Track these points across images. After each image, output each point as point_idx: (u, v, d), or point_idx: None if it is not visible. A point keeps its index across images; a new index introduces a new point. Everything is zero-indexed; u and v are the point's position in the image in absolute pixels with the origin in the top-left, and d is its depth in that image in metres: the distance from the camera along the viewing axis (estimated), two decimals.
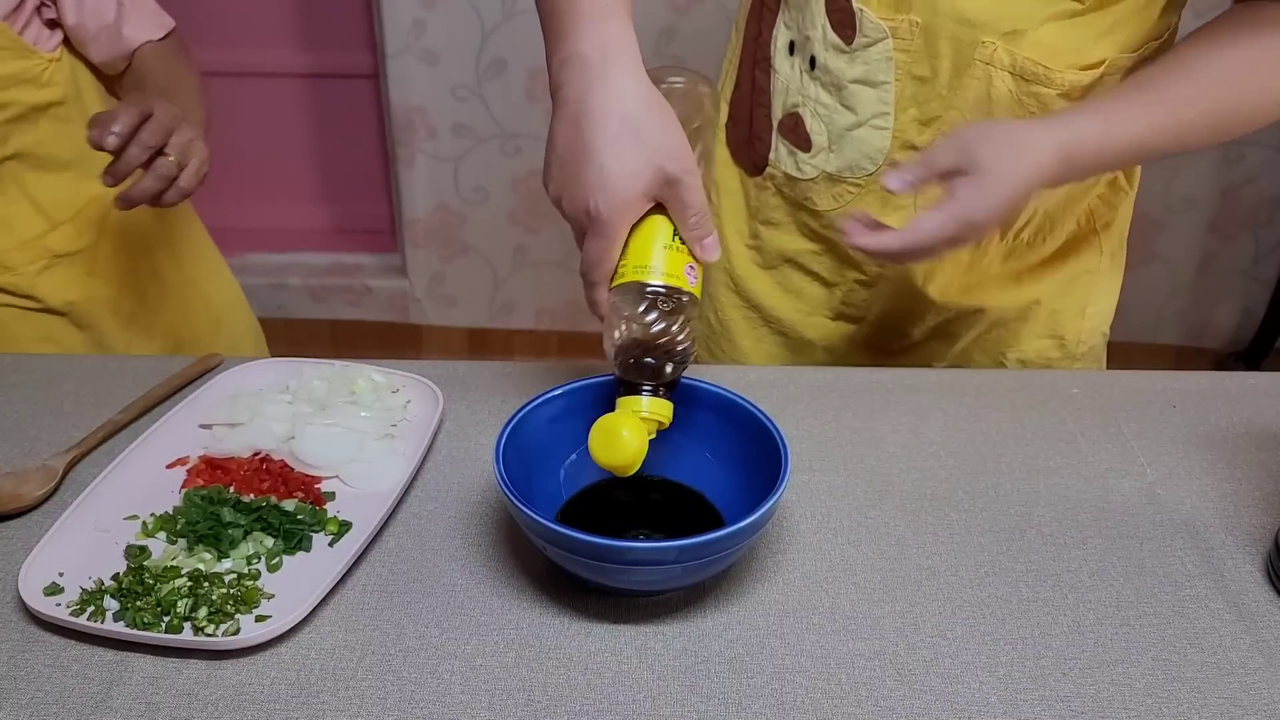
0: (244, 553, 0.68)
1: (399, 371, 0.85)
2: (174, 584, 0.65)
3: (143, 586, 0.64)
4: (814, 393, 0.87)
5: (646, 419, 0.66)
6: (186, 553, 0.68)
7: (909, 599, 0.67)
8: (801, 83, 0.91)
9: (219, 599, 0.64)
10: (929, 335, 1.01)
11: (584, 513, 0.71)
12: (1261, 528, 0.73)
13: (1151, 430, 0.83)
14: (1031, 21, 0.81)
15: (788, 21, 0.91)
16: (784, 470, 0.64)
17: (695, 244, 0.68)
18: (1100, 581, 0.68)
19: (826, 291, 1.00)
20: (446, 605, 0.66)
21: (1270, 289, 2.36)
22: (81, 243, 1.05)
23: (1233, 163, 2.24)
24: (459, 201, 2.32)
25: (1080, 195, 0.94)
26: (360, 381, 0.84)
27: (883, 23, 0.84)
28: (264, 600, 0.65)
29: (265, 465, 0.76)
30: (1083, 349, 1.02)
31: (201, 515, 0.70)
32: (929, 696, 0.60)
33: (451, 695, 0.60)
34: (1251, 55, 0.78)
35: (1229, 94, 0.79)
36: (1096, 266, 0.99)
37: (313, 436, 0.77)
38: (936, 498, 0.75)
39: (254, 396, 0.82)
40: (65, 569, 0.66)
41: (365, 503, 0.73)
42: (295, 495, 0.73)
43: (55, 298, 1.04)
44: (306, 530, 0.70)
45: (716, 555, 0.61)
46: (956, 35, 0.82)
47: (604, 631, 0.64)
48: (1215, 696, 0.60)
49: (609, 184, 0.64)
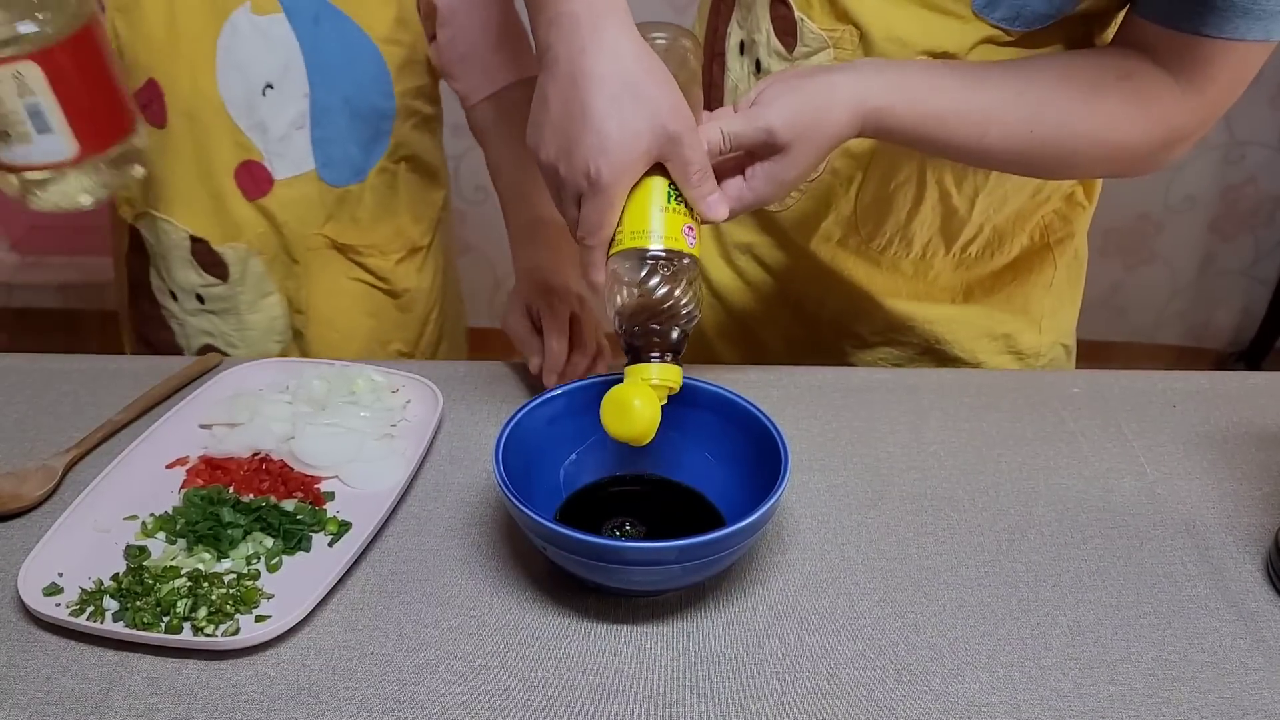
0: (243, 553, 0.68)
1: (399, 372, 0.85)
2: (173, 584, 0.65)
3: (142, 587, 0.64)
4: (814, 393, 0.87)
5: (657, 386, 0.66)
6: (186, 553, 0.68)
7: (909, 599, 0.67)
8: (749, 83, 0.91)
9: (218, 599, 0.64)
10: (881, 339, 1.00)
11: (584, 513, 0.71)
12: (1261, 528, 0.73)
13: (1151, 430, 0.83)
14: (961, 46, 0.80)
15: (740, 20, 0.91)
16: (784, 470, 0.64)
17: (700, 201, 0.68)
18: (1100, 581, 0.68)
19: (780, 287, 1.00)
20: (446, 605, 0.66)
21: (1270, 289, 2.36)
22: (424, 240, 1.14)
23: (1233, 163, 2.24)
24: (459, 201, 2.32)
25: (1032, 211, 0.94)
26: (360, 381, 0.84)
27: (823, 33, 0.84)
28: (263, 600, 0.65)
29: (265, 465, 0.76)
30: (1042, 361, 1.01)
31: (201, 515, 0.70)
32: (929, 696, 0.60)
33: (451, 695, 0.60)
34: (1089, 96, 0.75)
35: (1049, 125, 0.75)
36: (1050, 281, 0.99)
37: (312, 436, 0.77)
38: (936, 498, 0.75)
39: (253, 396, 0.82)
40: (65, 569, 0.66)
41: (365, 502, 0.73)
42: (295, 495, 0.73)
43: (400, 283, 1.12)
44: (306, 530, 0.70)
45: (716, 555, 0.61)
46: (891, 51, 0.82)
47: (604, 631, 0.64)
48: (1215, 696, 0.60)
49: (610, 146, 0.63)
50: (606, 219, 0.66)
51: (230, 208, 1.01)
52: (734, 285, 1.03)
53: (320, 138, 1.01)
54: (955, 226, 0.92)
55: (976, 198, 0.90)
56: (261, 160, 1.00)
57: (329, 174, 1.02)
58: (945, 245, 0.94)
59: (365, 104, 1.01)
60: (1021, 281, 0.98)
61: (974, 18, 0.79)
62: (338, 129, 1.01)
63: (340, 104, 1.00)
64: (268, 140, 0.99)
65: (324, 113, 1.00)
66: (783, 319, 1.02)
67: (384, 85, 1.01)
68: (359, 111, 1.01)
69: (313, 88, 0.98)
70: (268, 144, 0.99)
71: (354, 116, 1.01)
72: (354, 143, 1.03)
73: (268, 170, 1.00)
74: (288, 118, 0.99)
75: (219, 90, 0.97)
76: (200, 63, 0.96)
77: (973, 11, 0.79)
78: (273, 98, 0.98)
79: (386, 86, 1.02)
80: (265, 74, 0.97)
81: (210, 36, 0.95)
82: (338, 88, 0.99)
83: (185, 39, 0.95)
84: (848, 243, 0.95)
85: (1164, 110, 0.75)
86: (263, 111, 0.98)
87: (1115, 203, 0.97)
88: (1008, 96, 0.75)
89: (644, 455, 0.74)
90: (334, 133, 1.01)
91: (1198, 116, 0.76)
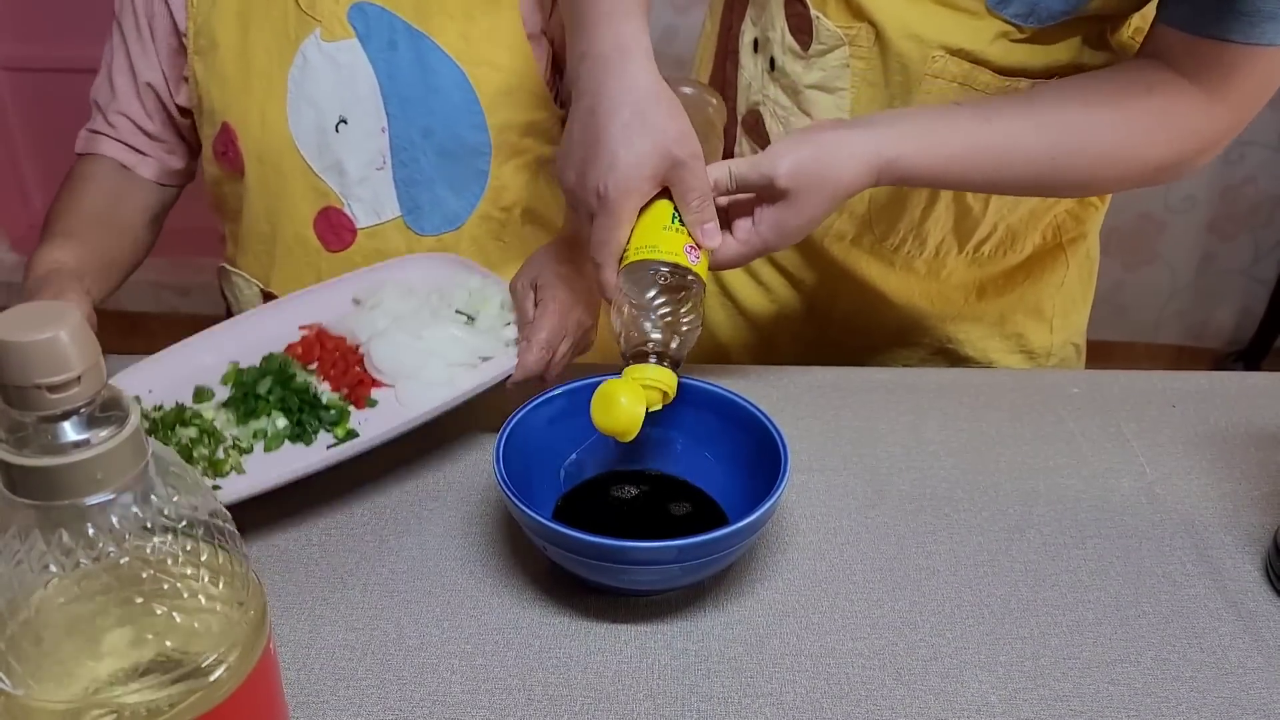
0: (257, 427, 0.71)
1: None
2: (182, 431, 0.68)
3: (163, 424, 0.68)
4: (814, 393, 0.87)
5: (648, 387, 0.66)
6: (217, 408, 0.73)
7: (909, 599, 0.67)
8: (762, 82, 0.91)
9: (199, 458, 0.67)
10: (893, 341, 1.00)
11: (584, 512, 0.71)
12: (1261, 527, 0.73)
13: (1151, 430, 0.83)
14: (978, 42, 0.80)
15: (754, 18, 0.91)
16: (784, 470, 0.64)
17: (696, 228, 0.70)
18: (1099, 581, 0.69)
19: (792, 287, 1.01)
20: (446, 605, 0.66)
21: (1270, 289, 2.36)
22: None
23: (1233, 163, 2.24)
24: None
25: (1045, 210, 0.94)
26: (490, 305, 0.81)
27: (839, 30, 0.84)
28: (232, 474, 0.67)
29: (344, 355, 0.78)
30: (1053, 361, 1.02)
31: (253, 379, 0.74)
32: (929, 696, 0.60)
33: (451, 695, 0.60)
34: (1113, 116, 0.75)
35: (1070, 148, 0.75)
36: (1062, 280, 0.99)
37: (390, 340, 0.77)
38: (936, 498, 0.75)
39: (394, 285, 0.82)
40: (156, 387, 0.72)
41: (387, 422, 0.72)
42: (341, 389, 0.75)
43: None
44: (319, 426, 0.72)
45: (716, 555, 0.61)
46: (907, 48, 0.82)
47: (604, 631, 0.64)
48: (1214, 696, 0.61)
49: (618, 167, 0.67)
50: (613, 235, 0.69)
51: (313, 262, 0.93)
52: (745, 284, 1.03)
53: (404, 179, 0.91)
54: (969, 226, 0.92)
55: (990, 197, 0.90)
56: (341, 206, 0.92)
57: (417, 221, 0.93)
58: (959, 244, 0.94)
59: (451, 138, 0.91)
60: (1034, 281, 0.98)
61: (988, 14, 0.79)
62: (422, 169, 0.91)
63: (421, 138, 0.90)
64: (345, 183, 0.91)
65: (405, 149, 0.91)
66: (794, 319, 1.02)
67: (472, 116, 0.91)
68: (444, 147, 0.91)
69: (391, 120, 0.89)
70: (346, 187, 0.91)
71: (440, 154, 0.91)
72: (444, 184, 0.92)
73: (349, 217, 0.92)
74: (365, 156, 0.90)
75: (289, 127, 0.90)
76: (270, 99, 0.89)
77: (986, 8, 0.79)
78: (347, 134, 0.90)
79: (476, 117, 0.91)
80: (338, 107, 0.89)
81: (281, 70, 0.88)
82: (417, 119, 0.90)
83: (256, 74, 0.89)
84: (861, 242, 0.95)
85: (1190, 122, 0.75)
86: (337, 150, 0.90)
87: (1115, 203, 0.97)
88: (1027, 127, 0.75)
89: (644, 455, 0.74)
90: (419, 173, 0.91)
91: (1223, 124, 0.76)
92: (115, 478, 0.38)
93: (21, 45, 2.18)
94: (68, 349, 0.36)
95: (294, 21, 0.89)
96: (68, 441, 0.37)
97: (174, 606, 0.40)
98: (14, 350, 0.35)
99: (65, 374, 0.36)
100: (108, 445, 0.37)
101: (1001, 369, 0.99)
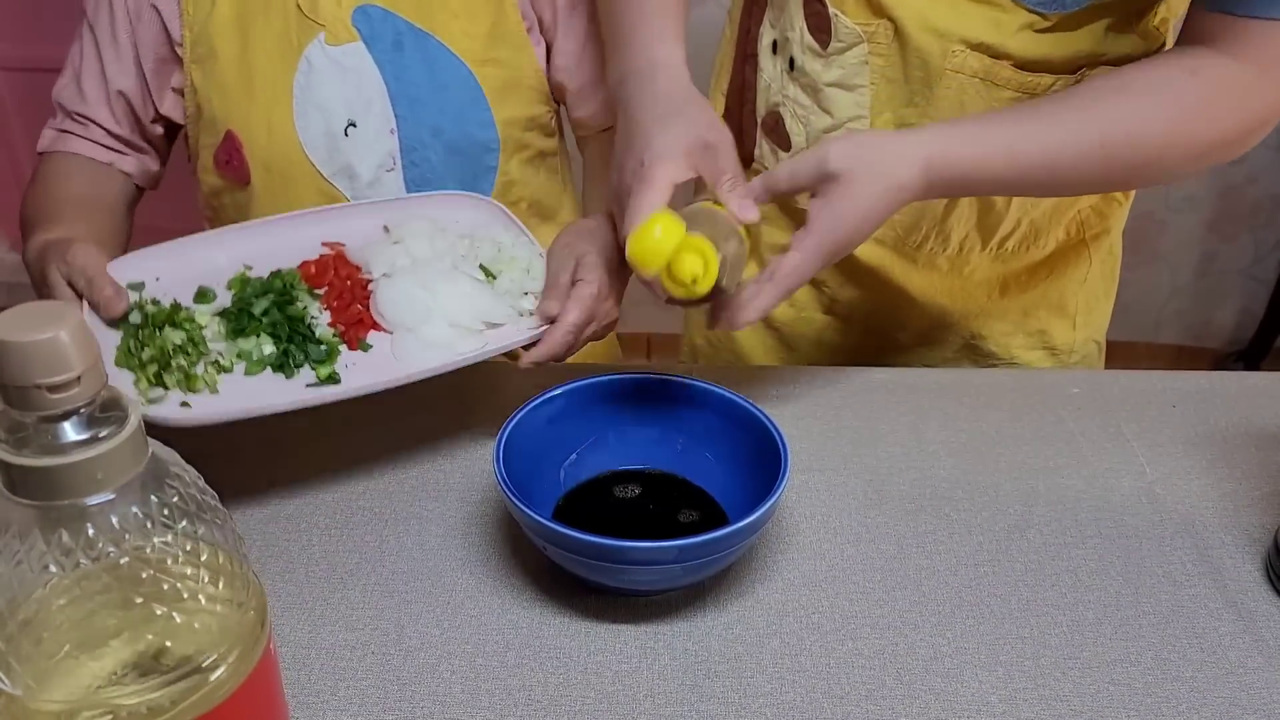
0: (245, 346, 0.70)
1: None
2: (170, 335, 0.67)
3: (153, 323, 0.67)
4: (814, 393, 0.87)
5: (690, 237, 0.66)
6: (210, 316, 0.72)
7: (909, 599, 0.67)
8: (782, 82, 0.91)
9: (177, 367, 0.66)
10: (917, 340, 1.00)
11: (584, 512, 0.71)
12: (1261, 527, 0.73)
13: (1151, 430, 0.83)
14: (1000, 35, 0.80)
15: (772, 20, 0.92)
16: (784, 470, 0.64)
17: (731, 204, 0.71)
18: (1099, 581, 0.69)
19: (815, 289, 1.00)
20: (446, 605, 0.66)
21: (1270, 289, 2.36)
22: None
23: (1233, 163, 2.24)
24: None
25: (1069, 206, 0.94)
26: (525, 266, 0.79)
27: (858, 27, 0.84)
28: (204, 391, 0.66)
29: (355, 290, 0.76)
30: (1075, 358, 1.01)
31: (256, 293, 0.73)
32: (929, 696, 0.60)
33: (451, 695, 0.60)
34: (1157, 100, 0.74)
35: (1119, 137, 0.74)
36: (1085, 276, 0.99)
37: (397, 284, 0.75)
38: (936, 497, 0.76)
39: (421, 222, 0.81)
40: (163, 274, 0.72)
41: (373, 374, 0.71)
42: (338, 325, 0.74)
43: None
44: (303, 361, 0.71)
45: (716, 555, 0.61)
46: (927, 43, 0.82)
47: (604, 631, 0.64)
48: (1214, 696, 0.61)
49: (655, 144, 0.71)
50: (646, 199, 0.69)
51: None
52: None
53: (415, 179, 0.92)
54: (992, 222, 0.92)
55: None
56: None
57: None
58: (982, 241, 0.94)
59: (460, 135, 0.91)
60: (1057, 277, 0.98)
61: (1012, 4, 0.79)
62: (433, 167, 0.92)
63: (431, 137, 0.91)
64: (356, 186, 0.91)
65: (415, 149, 0.91)
66: (815, 319, 1.02)
67: (480, 113, 0.92)
68: (454, 145, 0.91)
69: (400, 122, 0.90)
70: (356, 190, 0.91)
71: (450, 151, 0.91)
72: (454, 182, 0.93)
73: None
74: (375, 159, 0.90)
75: (297, 134, 0.89)
76: (276, 106, 0.88)
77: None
78: (356, 137, 0.90)
79: (484, 114, 0.92)
80: (346, 111, 0.89)
81: (285, 76, 0.88)
82: (426, 119, 0.90)
83: (259, 82, 0.88)
84: (884, 239, 0.94)
85: (1239, 97, 0.74)
86: (347, 154, 0.90)
87: None
88: (1071, 120, 0.74)
89: (644, 454, 0.74)
90: (429, 172, 0.92)
91: (1274, 96, 0.75)
92: (115, 478, 0.38)
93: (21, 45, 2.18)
94: (68, 349, 0.36)
95: (295, 27, 0.88)
96: (68, 442, 0.37)
97: (174, 607, 0.40)
98: (14, 350, 0.35)
99: (65, 374, 0.36)
100: (108, 445, 0.37)
101: (1001, 369, 0.99)
